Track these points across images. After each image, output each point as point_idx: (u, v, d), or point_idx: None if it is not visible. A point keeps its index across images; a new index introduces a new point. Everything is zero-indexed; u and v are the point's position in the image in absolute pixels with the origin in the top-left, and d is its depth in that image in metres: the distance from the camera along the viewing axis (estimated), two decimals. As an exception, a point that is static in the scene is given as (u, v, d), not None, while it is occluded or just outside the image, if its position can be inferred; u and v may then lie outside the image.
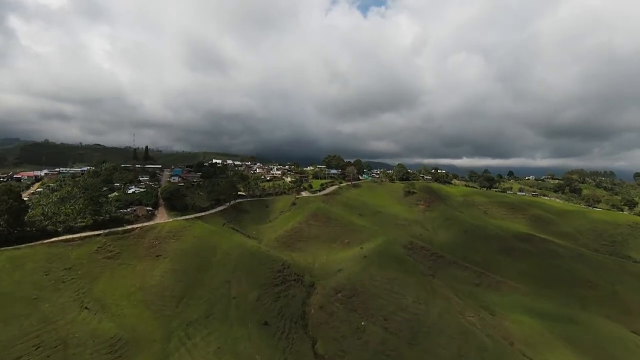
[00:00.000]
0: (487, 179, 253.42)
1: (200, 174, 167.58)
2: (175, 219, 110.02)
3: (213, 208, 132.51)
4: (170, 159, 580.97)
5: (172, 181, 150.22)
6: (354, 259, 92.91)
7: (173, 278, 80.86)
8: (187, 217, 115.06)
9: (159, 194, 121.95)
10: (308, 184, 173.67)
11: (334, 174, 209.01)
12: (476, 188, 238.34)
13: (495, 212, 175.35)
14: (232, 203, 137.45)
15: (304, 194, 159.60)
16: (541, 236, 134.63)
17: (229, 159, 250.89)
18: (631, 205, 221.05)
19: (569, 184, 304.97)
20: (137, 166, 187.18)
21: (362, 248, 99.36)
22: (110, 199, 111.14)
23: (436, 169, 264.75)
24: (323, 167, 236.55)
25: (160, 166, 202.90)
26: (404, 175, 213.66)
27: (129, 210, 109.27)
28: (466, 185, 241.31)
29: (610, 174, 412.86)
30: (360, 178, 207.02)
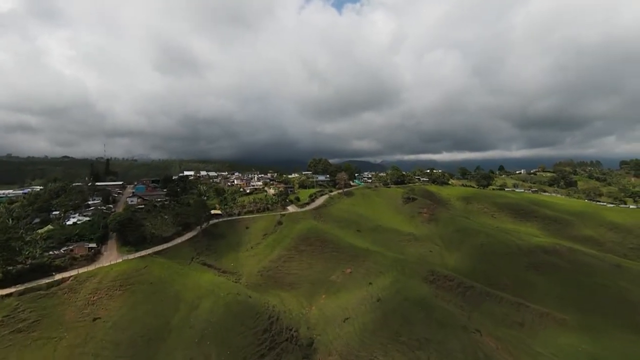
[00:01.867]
0: (483, 177, 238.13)
1: (166, 190, 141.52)
2: (127, 257, 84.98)
3: (180, 236, 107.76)
4: (142, 170, 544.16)
5: (130, 203, 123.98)
6: (363, 301, 71.15)
7: (112, 356, 56.57)
8: (145, 252, 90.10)
9: (108, 223, 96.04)
10: (294, 195, 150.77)
11: (322, 180, 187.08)
12: (473, 187, 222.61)
13: (503, 216, 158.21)
14: (203, 226, 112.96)
15: (291, 208, 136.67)
16: (565, 244, 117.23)
17: (203, 170, 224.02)
18: (635, 196, 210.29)
19: (563, 176, 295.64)
20: (92, 184, 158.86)
21: (370, 284, 77.74)
22: (37, 237, 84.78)
23: (431, 169, 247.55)
24: (309, 173, 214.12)
25: (121, 183, 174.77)
26: (399, 178, 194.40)
27: (63, 250, 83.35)
28: (463, 185, 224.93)
29: (597, 163, 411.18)
30: (352, 184, 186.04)
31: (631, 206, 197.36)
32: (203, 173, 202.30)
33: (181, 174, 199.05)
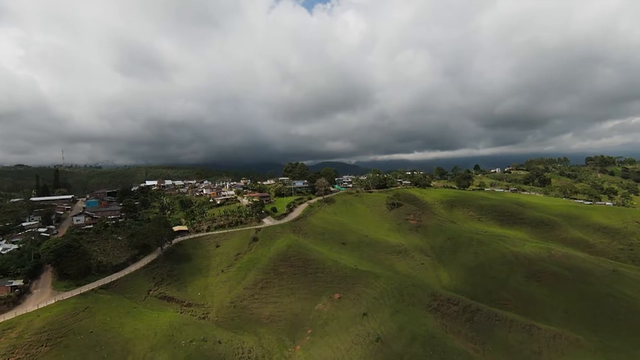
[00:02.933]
0: (463, 177, 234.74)
1: (121, 205, 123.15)
2: (63, 296, 68.15)
3: (135, 261, 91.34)
4: (105, 178, 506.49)
5: (76, 222, 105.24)
6: (358, 340, 59.12)
7: None
8: (88, 287, 73.48)
9: (41, 252, 78.01)
10: (271, 205, 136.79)
11: (300, 187, 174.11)
12: (454, 187, 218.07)
13: (489, 220, 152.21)
14: (165, 248, 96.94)
15: (267, 221, 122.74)
16: (559, 249, 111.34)
17: (172, 177, 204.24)
18: (609, 193, 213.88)
19: (537, 174, 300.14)
20: (33, 199, 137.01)
21: (365, 315, 65.87)
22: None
23: (412, 171, 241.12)
24: (285, 179, 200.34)
25: (71, 196, 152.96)
26: (380, 181, 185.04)
27: (-26, 293, 65.33)
28: (444, 186, 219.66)
29: (565, 160, 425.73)
30: (332, 189, 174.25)
31: (607, 203, 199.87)
32: (168, 182, 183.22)
33: (143, 185, 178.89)
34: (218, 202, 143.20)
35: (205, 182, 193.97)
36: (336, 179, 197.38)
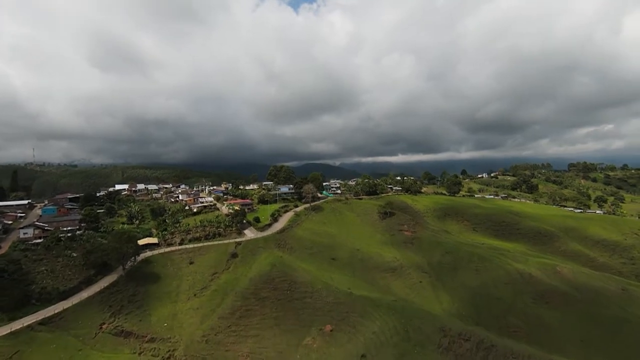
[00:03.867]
0: (453, 183, 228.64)
1: (81, 215, 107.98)
2: (-14, 338, 54.15)
3: (90, 284, 77.62)
4: (77, 178, 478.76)
5: (23, 236, 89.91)
6: (357, 395, 48.05)
7: None
8: (23, 322, 59.62)
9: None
10: (253, 215, 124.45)
11: (285, 193, 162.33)
12: (444, 194, 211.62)
13: (484, 230, 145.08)
14: (128, 267, 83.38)
15: (249, 232, 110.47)
16: (563, 264, 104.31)
17: (144, 182, 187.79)
18: (599, 201, 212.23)
19: (524, 180, 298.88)
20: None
21: (364, 357, 55.09)
22: None
23: (403, 177, 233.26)
24: (270, 183, 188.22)
25: (27, 202, 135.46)
26: (370, 187, 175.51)
27: None
28: (434, 192, 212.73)
29: (547, 166, 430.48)
30: (319, 195, 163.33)
31: (597, 211, 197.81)
32: (140, 187, 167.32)
33: (112, 189, 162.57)
34: (195, 210, 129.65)
35: (182, 186, 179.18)
36: (324, 184, 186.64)
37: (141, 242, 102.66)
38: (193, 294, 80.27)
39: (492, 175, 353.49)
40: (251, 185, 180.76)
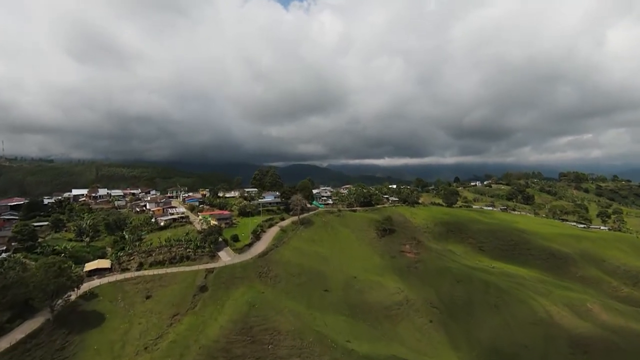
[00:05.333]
0: (451, 193, 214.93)
1: (12, 231, 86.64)
2: None
3: (2, 333, 57.45)
4: (47, 175, 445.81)
5: None
6: None
7: None
8: None
9: None
10: (232, 232, 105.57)
11: (270, 202, 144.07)
12: (442, 205, 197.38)
13: (492, 250, 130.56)
14: (58, 307, 63.57)
15: (224, 255, 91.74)
16: (593, 300, 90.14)
17: (106, 188, 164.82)
18: (603, 216, 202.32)
19: (520, 190, 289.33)
20: None
21: None
22: None
23: (399, 185, 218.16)
24: (254, 190, 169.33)
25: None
26: (365, 198, 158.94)
27: None
28: (432, 203, 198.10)
29: (538, 174, 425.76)
30: (309, 206, 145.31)
31: (602, 227, 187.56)
32: (102, 192, 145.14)
33: (68, 194, 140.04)
34: (162, 224, 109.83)
35: (152, 192, 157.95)
36: (314, 192, 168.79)
37: (89, 266, 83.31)
38: (144, 346, 61.15)
39: (485, 183, 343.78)
40: (232, 193, 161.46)
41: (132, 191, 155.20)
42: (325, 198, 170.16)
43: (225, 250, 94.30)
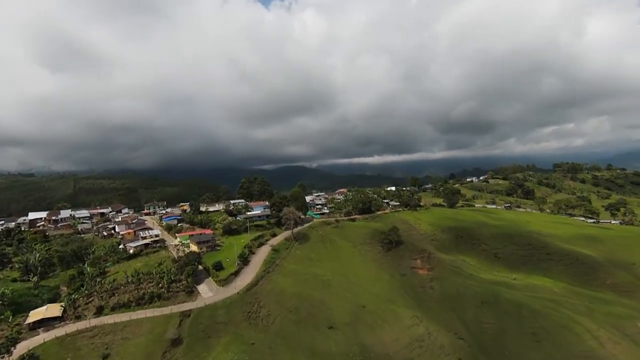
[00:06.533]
0: (452, 192, 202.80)
1: None
2: None
3: None
4: (21, 191, 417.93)
5: None
6: None
7: None
8: None
9: None
10: (215, 256, 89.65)
11: (259, 216, 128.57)
12: (443, 205, 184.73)
13: (509, 255, 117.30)
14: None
15: (205, 289, 75.89)
16: (638, 314, 77.57)
17: (71, 210, 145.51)
18: (612, 209, 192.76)
19: (519, 184, 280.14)
20: None
21: None
22: None
23: (398, 188, 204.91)
24: (240, 202, 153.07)
25: None
26: (364, 204, 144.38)
27: None
28: (433, 204, 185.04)
29: (532, 167, 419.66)
30: (302, 217, 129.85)
31: (613, 221, 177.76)
32: (64, 214, 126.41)
33: (23, 219, 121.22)
34: (131, 252, 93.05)
35: (125, 211, 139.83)
36: (307, 199, 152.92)
37: (34, 315, 67.48)
38: None
39: (482, 178, 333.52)
40: (217, 206, 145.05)
41: (101, 210, 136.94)
42: (320, 206, 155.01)
43: (207, 283, 78.43)
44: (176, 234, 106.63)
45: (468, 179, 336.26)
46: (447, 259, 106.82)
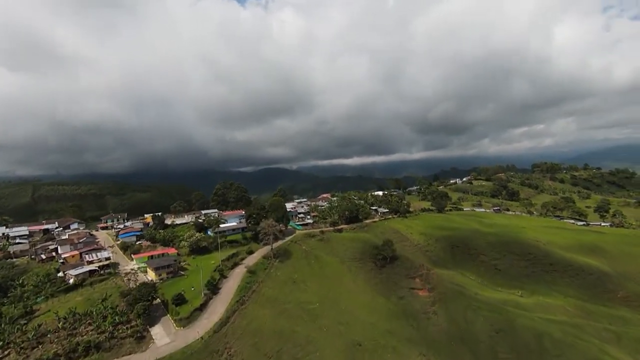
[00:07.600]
0: (440, 196, 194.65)
1: None
2: None
3: None
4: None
5: None
6: None
7: None
8: None
9: None
10: (177, 285, 73.62)
11: (234, 229, 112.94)
12: (432, 209, 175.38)
13: (510, 268, 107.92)
14: None
15: (160, 332, 60.04)
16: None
17: (23, 226, 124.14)
18: (600, 211, 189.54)
19: (504, 186, 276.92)
20: None
21: None
22: None
23: (385, 193, 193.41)
24: (213, 212, 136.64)
25: None
26: (351, 212, 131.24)
27: None
28: (422, 209, 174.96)
29: (512, 167, 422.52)
30: (284, 229, 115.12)
31: (602, 224, 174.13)
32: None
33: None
34: (71, 281, 75.35)
35: (74, 226, 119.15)
36: (288, 206, 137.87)
37: None
38: None
39: (465, 180, 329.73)
40: (185, 217, 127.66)
41: (45, 227, 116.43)
42: (302, 216, 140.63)
43: (163, 323, 62.46)
44: (132, 255, 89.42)
45: (452, 181, 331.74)
46: (447, 275, 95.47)
